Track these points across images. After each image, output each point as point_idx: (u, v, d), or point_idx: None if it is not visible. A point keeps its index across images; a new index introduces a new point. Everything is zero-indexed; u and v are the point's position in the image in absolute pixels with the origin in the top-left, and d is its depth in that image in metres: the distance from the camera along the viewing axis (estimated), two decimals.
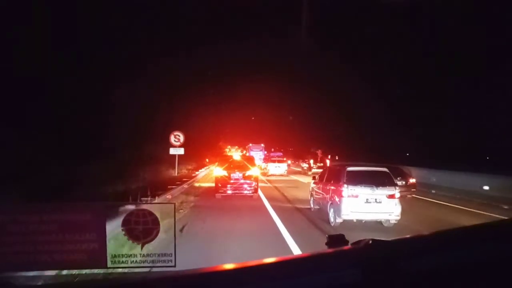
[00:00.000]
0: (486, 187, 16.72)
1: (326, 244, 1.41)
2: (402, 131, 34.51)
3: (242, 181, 15.42)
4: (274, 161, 31.83)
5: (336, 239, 1.42)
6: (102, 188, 12.17)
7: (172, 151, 19.49)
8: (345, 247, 1.31)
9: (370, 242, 1.18)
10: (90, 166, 14.05)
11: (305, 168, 33.12)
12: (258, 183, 15.86)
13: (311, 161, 33.12)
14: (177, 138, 19.43)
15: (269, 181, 23.54)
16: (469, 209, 13.66)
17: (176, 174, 19.71)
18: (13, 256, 2.15)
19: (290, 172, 31.71)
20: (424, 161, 23.24)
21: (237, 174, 15.45)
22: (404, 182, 15.63)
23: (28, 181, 9.54)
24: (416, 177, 18.50)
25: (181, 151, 19.41)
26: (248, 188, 15.35)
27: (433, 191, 18.01)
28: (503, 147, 25.04)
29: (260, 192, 16.10)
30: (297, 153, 46.72)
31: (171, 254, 2.27)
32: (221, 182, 15.35)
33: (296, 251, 7.35)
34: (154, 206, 2.49)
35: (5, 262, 2.14)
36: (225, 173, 15.52)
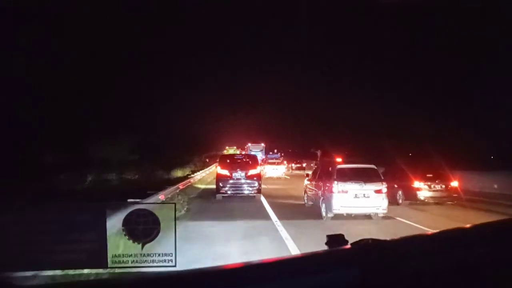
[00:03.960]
0: None
1: (326, 244, 1.41)
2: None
3: (244, 180, 15.06)
4: (271, 163, 30.57)
5: (335, 239, 1.42)
6: None
7: None
8: (345, 247, 1.31)
9: (370, 242, 1.18)
10: None
11: None
12: (261, 183, 15.49)
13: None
14: None
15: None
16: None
17: None
18: (13, 256, 2.15)
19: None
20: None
21: (239, 174, 15.09)
22: (443, 186, 13.92)
23: None
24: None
25: None
26: (251, 188, 15.00)
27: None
28: None
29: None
30: (310, 154, 43.86)
31: (172, 253, 2.27)
32: (223, 182, 15.00)
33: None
34: (155, 206, 2.49)
35: (5, 262, 2.14)
36: (226, 172, 15.15)
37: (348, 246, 1.28)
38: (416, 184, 13.86)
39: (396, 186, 14.14)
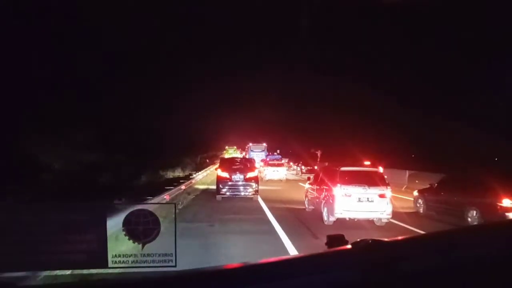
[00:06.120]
0: None
1: (326, 244, 1.41)
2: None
3: (243, 183, 15.78)
4: (272, 165, 28.92)
5: (336, 239, 1.42)
6: None
7: None
8: (345, 247, 1.31)
9: (370, 242, 1.18)
10: None
11: None
12: (258, 185, 16.27)
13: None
14: None
15: None
16: None
17: None
18: (13, 256, 2.15)
19: None
20: None
21: (238, 176, 15.83)
22: None
23: None
24: None
25: None
26: (249, 190, 15.73)
27: None
28: None
29: None
30: (310, 154, 41.58)
31: (172, 254, 2.27)
32: (222, 184, 15.69)
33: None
34: (155, 206, 2.49)
35: (5, 262, 2.14)
36: (226, 175, 15.89)
37: (348, 246, 1.28)
38: (506, 202, 9.65)
39: (465, 202, 10.69)
